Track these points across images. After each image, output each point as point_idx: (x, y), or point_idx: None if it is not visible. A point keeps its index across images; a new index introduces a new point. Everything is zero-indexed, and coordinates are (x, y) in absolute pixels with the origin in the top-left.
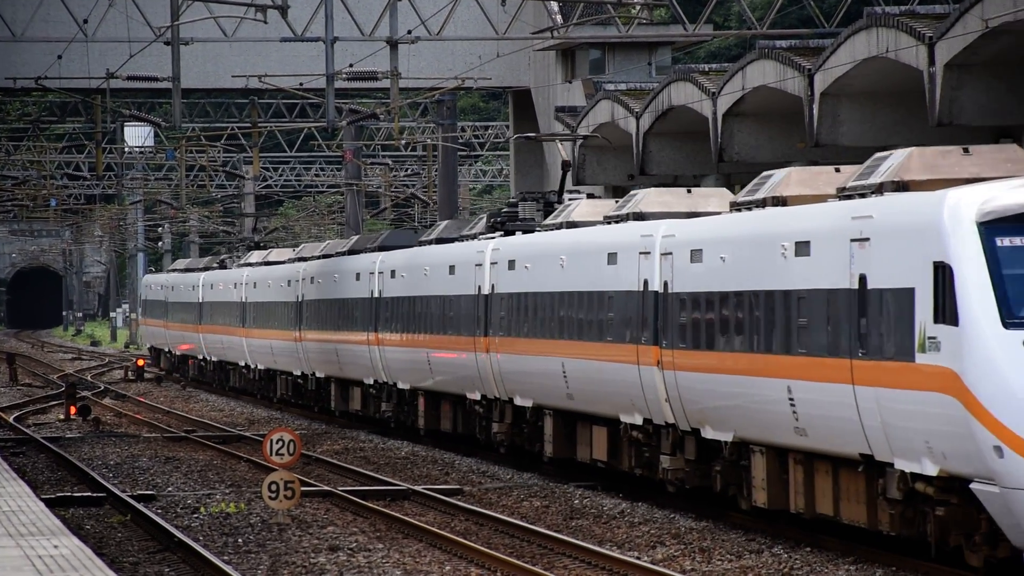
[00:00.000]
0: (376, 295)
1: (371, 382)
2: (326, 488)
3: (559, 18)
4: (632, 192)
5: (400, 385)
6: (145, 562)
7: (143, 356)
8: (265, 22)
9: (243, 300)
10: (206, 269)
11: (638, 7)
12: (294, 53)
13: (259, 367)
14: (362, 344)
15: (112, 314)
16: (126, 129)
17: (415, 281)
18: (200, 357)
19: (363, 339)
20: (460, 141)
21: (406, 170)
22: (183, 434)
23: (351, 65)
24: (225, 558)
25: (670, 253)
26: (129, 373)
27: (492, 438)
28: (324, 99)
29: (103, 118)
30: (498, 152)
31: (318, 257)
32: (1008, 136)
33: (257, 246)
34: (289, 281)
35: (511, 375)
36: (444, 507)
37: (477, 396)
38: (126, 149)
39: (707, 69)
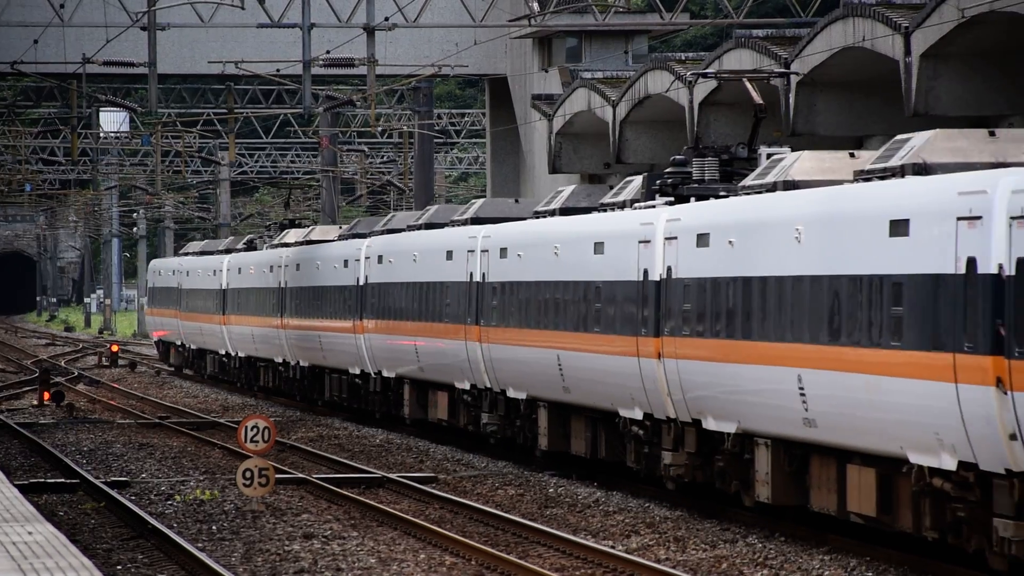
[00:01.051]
0: (478, 279)
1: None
2: (300, 475)
3: (536, 6)
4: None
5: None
6: (119, 549)
7: (116, 342)
8: (242, 8)
9: (281, 286)
10: (230, 251)
11: None
12: (271, 39)
13: (301, 364)
14: (458, 339)
15: (86, 300)
16: (101, 114)
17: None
18: (223, 352)
19: (458, 333)
20: (436, 128)
21: (382, 157)
22: (157, 421)
23: (328, 52)
24: (199, 545)
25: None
26: (103, 359)
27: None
28: (300, 85)
29: (79, 103)
30: (474, 140)
31: (382, 232)
32: (983, 126)
33: (292, 223)
34: (346, 261)
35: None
36: (419, 495)
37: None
38: (101, 134)
39: (683, 58)
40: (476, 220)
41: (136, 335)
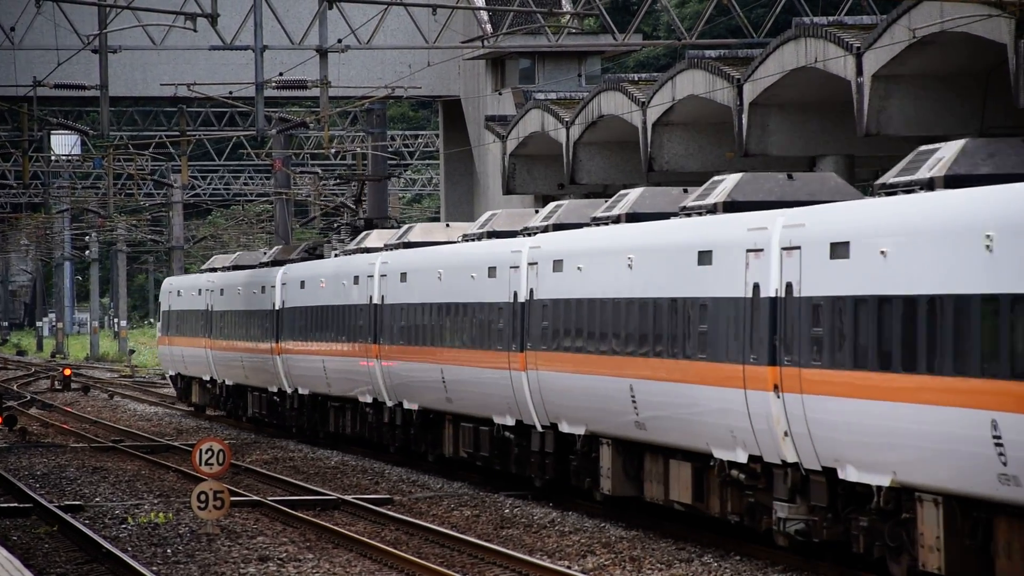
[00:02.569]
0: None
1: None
2: (256, 498)
3: (489, 27)
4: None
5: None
6: (73, 573)
7: (69, 366)
8: (195, 30)
9: (376, 301)
10: (281, 262)
11: (568, 16)
12: (223, 61)
13: (406, 406)
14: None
15: (38, 323)
16: (53, 137)
17: None
18: (274, 389)
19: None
20: (390, 150)
21: (336, 179)
22: (111, 444)
23: (281, 74)
24: (154, 569)
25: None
26: (56, 383)
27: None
28: (253, 108)
29: (30, 126)
30: (428, 161)
31: (547, 228)
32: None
33: (370, 224)
34: (493, 269)
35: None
36: (374, 517)
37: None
38: (53, 157)
39: (637, 79)
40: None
41: (89, 359)
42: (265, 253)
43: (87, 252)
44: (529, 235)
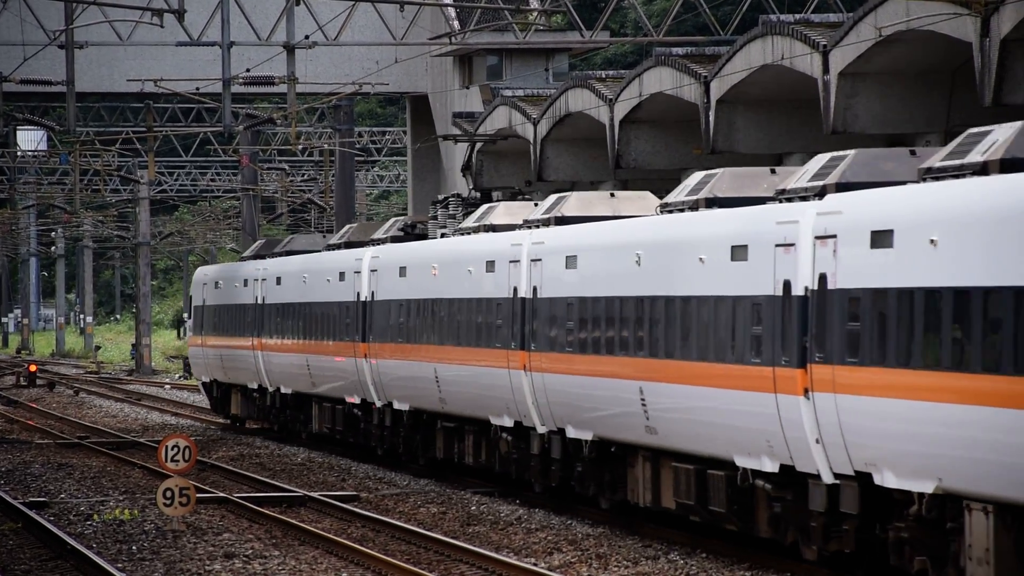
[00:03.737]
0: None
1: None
2: (222, 495)
3: (456, 24)
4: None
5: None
6: (37, 570)
7: (34, 362)
8: (161, 26)
9: (524, 294)
10: (361, 243)
11: (535, 13)
12: (190, 57)
13: (572, 434)
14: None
15: (4, 319)
16: (19, 133)
17: None
18: (356, 400)
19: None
20: (357, 146)
21: (303, 175)
22: (76, 440)
23: (248, 70)
24: (119, 566)
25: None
26: (21, 379)
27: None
28: (220, 104)
29: None
30: (395, 158)
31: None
32: (900, 144)
33: (486, 196)
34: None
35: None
36: (341, 513)
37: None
38: (19, 153)
39: (604, 76)
40: None
41: (54, 355)
42: (325, 235)
43: (53, 248)
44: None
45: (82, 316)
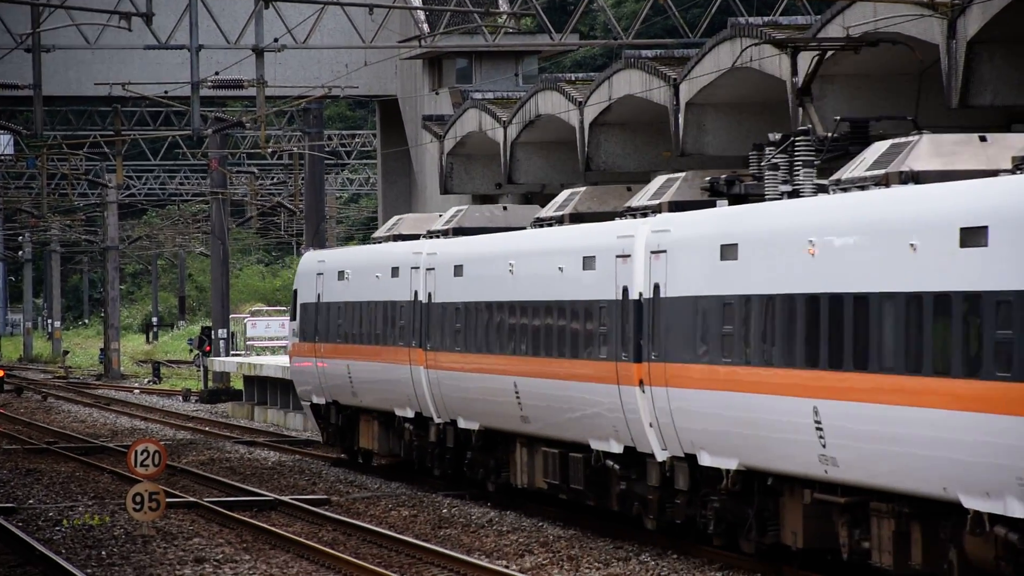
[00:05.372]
0: None
1: None
2: (192, 499)
3: (426, 27)
4: None
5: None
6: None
7: (2, 367)
8: (129, 29)
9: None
10: (626, 212)
11: (505, 16)
12: (158, 61)
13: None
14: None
15: None
16: None
17: None
18: (615, 448)
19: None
20: (327, 150)
21: (272, 179)
22: (44, 446)
23: (216, 73)
24: (88, 571)
25: None
26: None
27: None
28: (189, 107)
29: None
30: (365, 161)
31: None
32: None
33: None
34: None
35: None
36: (311, 517)
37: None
38: None
39: (574, 78)
40: None
41: (22, 360)
42: (518, 203)
43: (20, 252)
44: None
45: (50, 321)
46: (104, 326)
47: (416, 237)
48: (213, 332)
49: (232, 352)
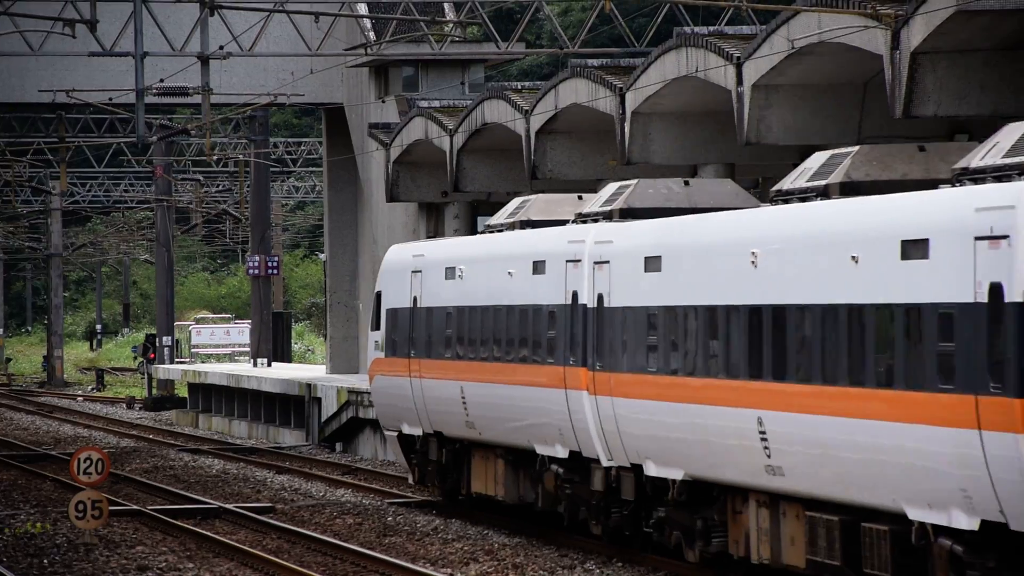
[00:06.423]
0: None
1: None
2: (135, 507)
3: (372, 35)
4: None
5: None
6: None
7: None
8: (73, 36)
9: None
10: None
11: (451, 25)
12: (103, 68)
13: None
14: None
15: None
16: None
17: None
18: (940, 521)
19: None
20: (272, 157)
21: (217, 186)
22: None
23: (161, 80)
24: None
25: None
26: None
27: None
28: (134, 114)
29: None
30: (311, 168)
31: None
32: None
33: None
34: None
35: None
36: (256, 525)
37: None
38: None
39: (520, 87)
40: None
41: None
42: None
43: None
44: None
45: None
46: (47, 333)
47: (556, 223)
48: (158, 339)
49: (176, 359)
